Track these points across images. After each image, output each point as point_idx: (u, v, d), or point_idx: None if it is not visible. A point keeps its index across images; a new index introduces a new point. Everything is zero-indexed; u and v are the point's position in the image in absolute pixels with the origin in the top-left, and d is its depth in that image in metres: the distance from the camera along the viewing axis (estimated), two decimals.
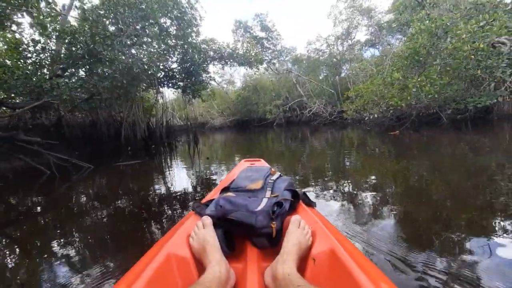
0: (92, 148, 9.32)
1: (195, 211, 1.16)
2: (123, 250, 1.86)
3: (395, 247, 1.56)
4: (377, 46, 22.08)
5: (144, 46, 8.54)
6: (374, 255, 1.49)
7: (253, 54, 11.80)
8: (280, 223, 0.99)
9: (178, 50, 11.44)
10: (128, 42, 6.60)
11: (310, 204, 1.27)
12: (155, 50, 9.33)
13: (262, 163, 2.19)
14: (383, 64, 10.20)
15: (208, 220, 0.98)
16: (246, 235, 0.99)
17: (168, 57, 11.54)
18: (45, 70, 7.92)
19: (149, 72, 7.86)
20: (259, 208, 0.99)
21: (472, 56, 6.36)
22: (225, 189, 1.30)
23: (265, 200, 1.07)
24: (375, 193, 2.68)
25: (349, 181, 3.37)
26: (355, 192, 2.81)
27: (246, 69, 13.87)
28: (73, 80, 6.80)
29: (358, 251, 0.88)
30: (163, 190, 3.83)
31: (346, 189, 2.95)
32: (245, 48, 12.03)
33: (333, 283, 0.75)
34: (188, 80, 12.10)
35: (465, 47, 6.37)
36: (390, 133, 7.83)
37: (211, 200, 1.19)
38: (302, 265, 0.83)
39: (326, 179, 3.51)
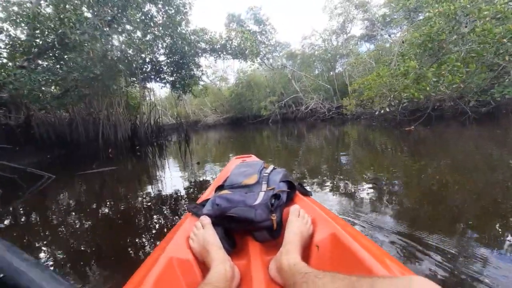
0: (67, 151, 8.05)
1: (192, 212, 1.10)
2: None
3: None
4: (372, 40, 21.14)
5: (124, 34, 7.29)
6: None
7: (248, 44, 10.60)
8: (279, 214, 0.97)
9: (166, 40, 10.18)
10: (100, 25, 5.39)
11: (307, 193, 1.24)
12: (137, 39, 8.08)
13: (254, 158, 2.08)
14: (391, 54, 9.18)
15: (206, 219, 0.94)
16: (247, 230, 0.95)
17: (155, 48, 10.27)
18: (3, 60, 6.62)
19: (129, 63, 6.62)
20: (257, 202, 0.97)
21: (504, 40, 5.37)
22: (220, 187, 1.25)
23: (262, 194, 1.05)
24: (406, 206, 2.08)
25: (365, 188, 2.61)
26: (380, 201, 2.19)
27: (240, 62, 12.66)
28: (37, 72, 5.52)
29: (360, 233, 0.84)
30: (140, 206, 2.70)
31: (367, 201, 2.25)
32: (240, 38, 10.81)
33: (339, 266, 0.73)
34: (178, 74, 10.84)
35: (496, 29, 5.38)
36: (405, 129, 6.81)
37: (207, 200, 1.13)
38: (306, 254, 0.82)
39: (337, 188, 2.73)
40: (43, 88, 6.10)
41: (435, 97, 7.05)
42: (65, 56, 5.69)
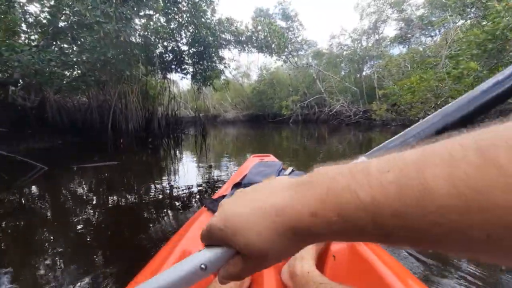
0: (81, 138, 7.60)
1: (208, 207, 1.06)
2: None
3: None
4: (406, 43, 19.50)
5: (142, 17, 6.65)
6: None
7: (276, 37, 9.70)
8: None
9: (190, 29, 9.53)
10: (115, 1, 4.75)
11: None
12: (158, 24, 7.44)
13: (272, 158, 2.00)
14: (438, 55, 7.96)
15: None
16: None
17: (177, 36, 9.64)
18: (22, 39, 6.19)
19: (147, 48, 5.98)
20: None
21: None
22: (237, 185, 1.22)
23: None
24: None
25: None
26: None
27: (265, 57, 11.80)
28: (47, 51, 4.99)
29: (380, 247, 0.79)
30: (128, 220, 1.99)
31: None
32: (267, 31, 9.93)
33: (356, 280, 0.70)
34: (199, 65, 10.17)
35: None
36: None
37: (223, 196, 1.12)
38: (321, 262, 0.78)
39: None
40: (55, 69, 5.57)
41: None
42: (81, 37, 5.12)
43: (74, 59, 5.18)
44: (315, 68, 20.26)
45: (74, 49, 5.37)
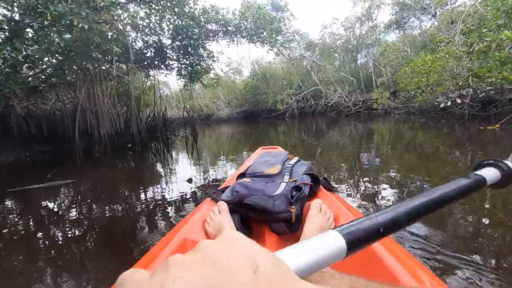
0: (52, 147, 6.56)
1: (211, 197, 1.06)
2: None
3: None
4: (402, 28, 18.56)
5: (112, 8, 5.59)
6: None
7: (266, 21, 8.66)
8: (299, 208, 0.89)
9: (172, 20, 8.47)
10: None
11: (331, 189, 1.14)
12: (133, 15, 6.40)
13: (280, 150, 1.81)
14: (449, 32, 7.00)
15: (224, 205, 0.90)
16: (264, 220, 0.89)
17: (158, 29, 8.58)
18: None
19: (119, 41, 4.95)
20: (277, 192, 0.92)
21: None
22: (242, 175, 1.20)
23: (283, 185, 0.99)
24: None
25: None
26: None
27: (256, 47, 10.75)
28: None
29: (387, 237, 0.62)
30: None
31: None
32: (256, 15, 8.88)
33: (359, 270, 0.60)
34: (185, 60, 9.13)
35: None
36: (486, 128, 4.81)
37: (228, 187, 1.06)
38: None
39: None
40: (7, 70, 4.51)
41: None
42: (27, 25, 4.05)
43: (25, 53, 4.13)
44: (308, 60, 19.26)
45: (27, 43, 4.32)
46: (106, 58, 6.11)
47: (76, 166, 4.50)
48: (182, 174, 3.51)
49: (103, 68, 6.56)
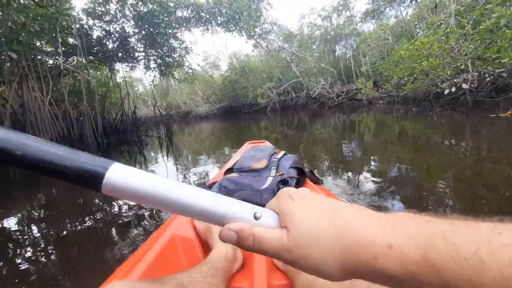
0: None
1: None
2: None
3: None
4: (380, 17, 18.20)
5: None
6: None
7: (245, 5, 7.67)
8: None
9: (134, 5, 7.25)
10: None
11: (317, 181, 1.14)
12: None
13: (267, 144, 1.87)
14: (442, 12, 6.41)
15: None
16: None
17: (119, 16, 7.32)
18: None
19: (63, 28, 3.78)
20: (264, 186, 0.92)
21: None
22: (229, 170, 1.19)
23: (270, 179, 1.00)
24: None
25: None
26: None
27: (233, 36, 9.73)
28: None
29: None
30: None
31: None
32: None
33: None
34: (153, 51, 7.96)
35: None
36: (498, 115, 4.25)
37: (215, 182, 1.06)
38: None
39: None
40: None
41: None
42: None
43: None
44: (288, 51, 18.46)
45: None
46: (45, 48, 4.89)
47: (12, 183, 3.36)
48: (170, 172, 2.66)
49: (51, 61, 5.33)
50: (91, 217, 2.21)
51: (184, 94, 24.12)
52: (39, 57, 4.97)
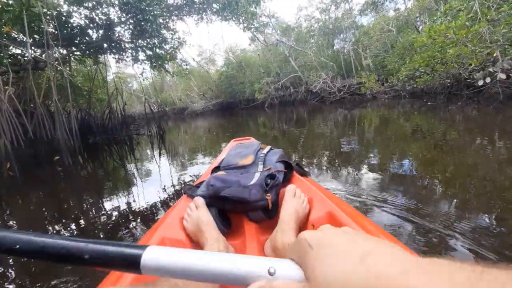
0: None
1: (187, 193, 1.00)
2: None
3: None
4: (379, 10, 17.42)
5: None
6: None
7: None
8: (275, 194, 0.88)
9: None
10: None
11: (304, 173, 1.14)
12: None
13: (252, 141, 1.87)
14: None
15: (200, 200, 0.87)
16: (242, 211, 0.87)
17: (103, 2, 6.45)
18: None
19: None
20: (252, 182, 0.90)
21: None
22: (216, 169, 1.15)
23: (257, 174, 0.97)
24: None
25: None
26: None
27: (230, 26, 8.89)
28: None
29: (356, 211, 0.81)
30: None
31: None
32: None
33: None
34: (141, 41, 7.12)
35: None
36: None
37: (203, 182, 1.02)
38: None
39: None
40: None
41: None
42: None
43: None
44: (286, 45, 17.64)
45: None
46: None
47: None
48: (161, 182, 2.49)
49: (18, 51, 4.52)
50: (75, 223, 1.92)
51: (179, 90, 23.20)
52: None
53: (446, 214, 1.35)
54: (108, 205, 2.20)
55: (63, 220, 2.03)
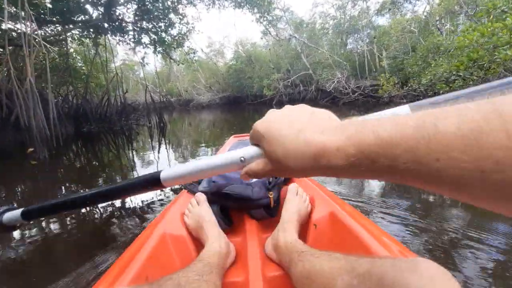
0: None
1: (187, 189, 0.98)
2: None
3: None
4: (397, 11, 16.37)
5: None
6: None
7: None
8: (277, 193, 0.88)
9: None
10: None
11: None
12: None
13: None
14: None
15: (202, 196, 0.84)
16: (243, 208, 0.86)
17: None
18: None
19: None
20: (254, 180, 0.69)
21: None
22: None
23: None
24: None
25: None
26: None
27: (244, 13, 8.05)
28: None
29: (358, 212, 0.77)
30: None
31: None
32: None
33: (337, 245, 0.69)
34: (145, 23, 6.35)
35: None
36: None
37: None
38: (303, 232, 0.76)
39: None
40: None
41: None
42: None
43: None
44: (298, 40, 16.71)
45: None
46: None
47: None
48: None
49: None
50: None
51: (186, 81, 22.43)
52: None
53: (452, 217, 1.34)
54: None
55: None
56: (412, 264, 0.35)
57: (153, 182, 0.35)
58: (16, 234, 1.55)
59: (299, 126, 0.26)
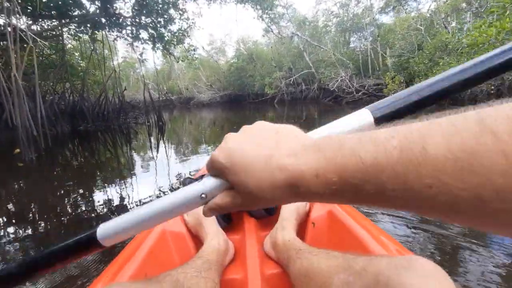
0: None
1: None
2: None
3: None
4: (400, 10, 16.02)
5: None
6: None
7: None
8: None
9: None
10: None
11: None
12: None
13: None
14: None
15: None
16: None
17: None
18: None
19: None
20: None
21: None
22: None
23: None
24: None
25: None
26: None
27: (247, 9, 7.76)
28: None
29: (356, 211, 0.76)
30: None
31: None
32: None
33: (335, 244, 0.68)
34: (143, 18, 6.07)
35: None
36: None
37: (203, 175, 0.53)
38: (301, 231, 0.76)
39: None
40: None
41: None
42: None
43: None
44: (301, 38, 16.39)
45: None
46: None
47: None
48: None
49: None
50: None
51: (186, 79, 22.13)
52: None
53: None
54: (98, 196, 1.87)
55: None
56: (407, 261, 0.34)
57: (86, 244, 0.28)
58: None
59: (266, 150, 0.23)
